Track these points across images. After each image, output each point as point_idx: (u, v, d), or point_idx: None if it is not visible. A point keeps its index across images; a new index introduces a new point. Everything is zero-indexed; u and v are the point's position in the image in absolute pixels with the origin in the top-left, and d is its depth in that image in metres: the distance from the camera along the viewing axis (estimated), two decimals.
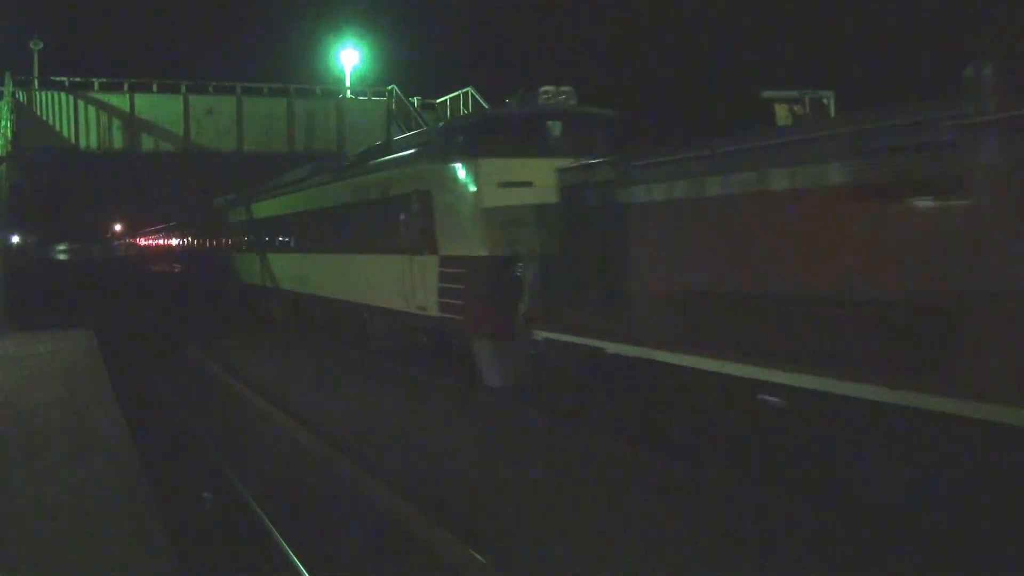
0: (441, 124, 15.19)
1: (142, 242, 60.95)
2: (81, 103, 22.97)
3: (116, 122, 23.17)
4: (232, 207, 27.65)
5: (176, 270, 41.79)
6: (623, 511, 7.17)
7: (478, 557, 6.13)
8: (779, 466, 7.20)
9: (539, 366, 10.41)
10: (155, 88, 23.91)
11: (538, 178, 11.10)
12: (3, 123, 21.39)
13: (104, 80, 23.41)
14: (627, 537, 6.56)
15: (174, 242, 43.89)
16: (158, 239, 51.79)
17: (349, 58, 29.26)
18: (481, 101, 22.53)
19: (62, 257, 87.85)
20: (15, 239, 33.54)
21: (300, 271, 19.76)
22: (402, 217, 13.64)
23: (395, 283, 13.75)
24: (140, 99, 23.49)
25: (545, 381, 10.41)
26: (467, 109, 23.20)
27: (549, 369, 10.20)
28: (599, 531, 6.74)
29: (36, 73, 24.00)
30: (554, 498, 7.63)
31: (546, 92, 12.55)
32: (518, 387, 11.30)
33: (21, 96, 22.45)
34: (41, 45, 25.39)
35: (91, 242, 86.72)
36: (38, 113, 22.68)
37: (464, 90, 23.99)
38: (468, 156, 12.11)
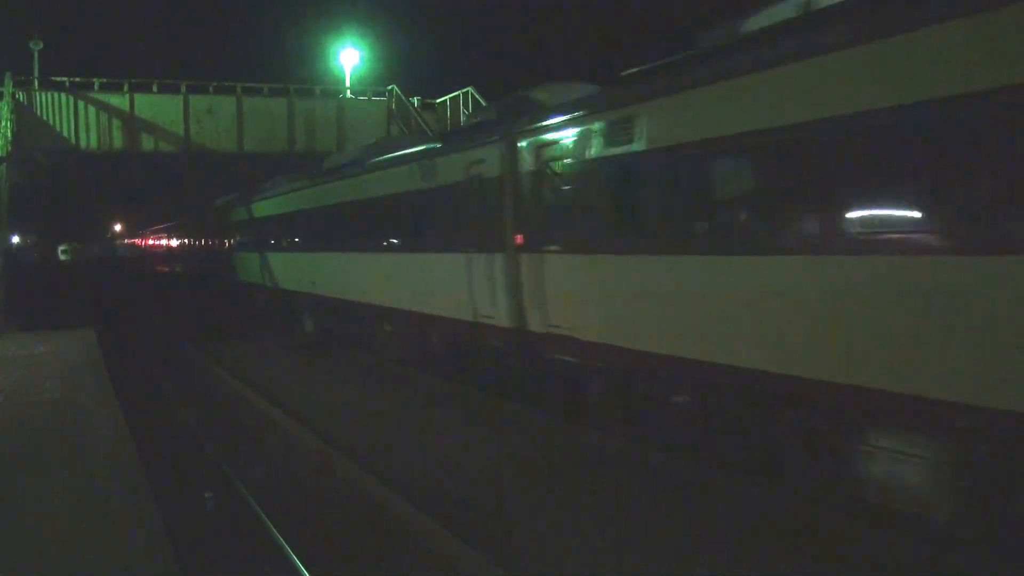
0: None
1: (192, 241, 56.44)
2: (81, 103, 22.98)
3: (116, 122, 23.19)
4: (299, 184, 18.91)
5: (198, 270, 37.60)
6: None
7: None
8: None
9: None
10: (155, 88, 23.94)
11: None
12: (3, 123, 21.37)
13: (104, 80, 23.44)
14: None
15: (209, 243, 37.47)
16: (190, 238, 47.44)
17: (349, 58, 29.30)
18: (481, 101, 22.52)
19: (62, 257, 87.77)
20: (15, 239, 33.55)
21: None
22: None
23: None
24: (140, 99, 23.51)
25: None
26: (467, 109, 23.19)
27: None
28: None
29: (36, 73, 24.05)
30: None
31: None
32: None
33: (21, 96, 22.46)
34: (41, 45, 25.47)
35: (91, 242, 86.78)
36: (38, 113, 22.69)
37: (464, 90, 24.02)
38: None
